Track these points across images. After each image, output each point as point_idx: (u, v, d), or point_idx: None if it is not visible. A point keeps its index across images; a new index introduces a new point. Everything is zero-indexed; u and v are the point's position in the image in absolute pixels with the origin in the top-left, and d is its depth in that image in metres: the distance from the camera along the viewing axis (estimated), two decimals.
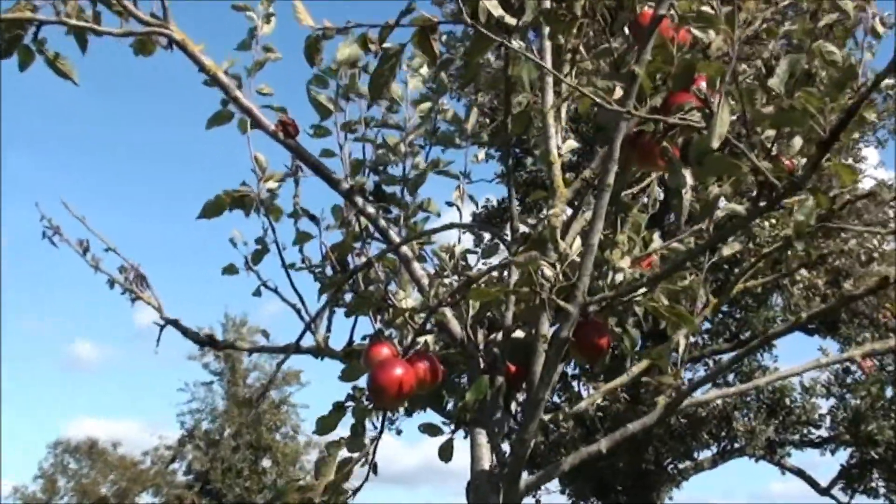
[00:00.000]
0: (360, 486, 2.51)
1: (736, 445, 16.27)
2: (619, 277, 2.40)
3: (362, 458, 2.46)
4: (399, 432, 18.23)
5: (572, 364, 15.76)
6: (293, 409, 28.04)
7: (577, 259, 2.26)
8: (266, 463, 27.39)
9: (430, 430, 2.59)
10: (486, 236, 3.04)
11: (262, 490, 26.62)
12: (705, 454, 16.49)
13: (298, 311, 2.95)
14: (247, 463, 26.97)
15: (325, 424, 2.54)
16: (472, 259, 2.99)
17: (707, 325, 16.17)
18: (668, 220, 12.08)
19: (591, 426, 14.73)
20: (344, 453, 2.48)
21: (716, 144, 1.97)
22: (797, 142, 2.20)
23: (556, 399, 15.68)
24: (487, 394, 2.52)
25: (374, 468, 2.49)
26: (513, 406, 2.68)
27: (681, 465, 16.51)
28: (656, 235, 2.61)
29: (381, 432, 2.50)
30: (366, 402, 2.50)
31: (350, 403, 2.56)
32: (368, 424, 2.49)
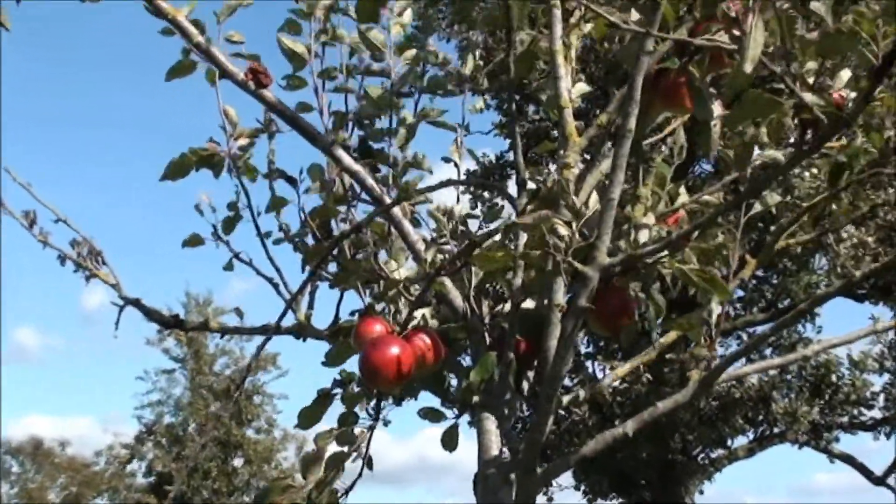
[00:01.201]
0: (354, 483, 2.55)
1: (775, 430, 16.41)
2: (643, 236, 2.43)
3: (354, 451, 2.49)
4: (387, 423, 18.40)
5: (585, 341, 15.84)
6: (268, 399, 28.13)
7: (595, 217, 2.29)
8: (237, 462, 27.51)
9: (431, 415, 2.63)
10: (488, 195, 3.06)
11: (234, 493, 26.73)
12: (740, 441, 16.65)
13: (276, 287, 2.98)
14: (215, 462, 27.06)
15: (308, 417, 2.58)
16: (473, 223, 3.02)
17: (740, 293, 16.26)
18: (696, 170, 12.11)
19: (609, 412, 14.84)
20: (334, 447, 2.52)
21: (749, 69, 1.97)
22: (844, 74, 2.22)
23: (566, 382, 15.77)
24: (495, 373, 2.55)
25: (368, 463, 2.52)
26: (524, 386, 2.71)
27: (712, 455, 16.66)
28: (683, 189, 2.63)
29: (375, 421, 2.54)
30: (356, 388, 2.53)
31: (337, 391, 2.59)
32: (360, 413, 2.53)
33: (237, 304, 3.06)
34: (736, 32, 2.00)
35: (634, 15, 2.24)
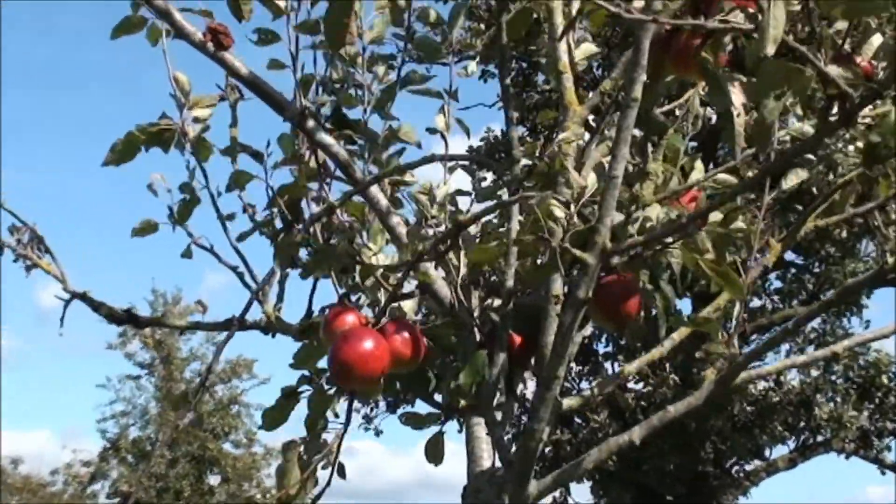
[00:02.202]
0: (321, 492, 2.55)
1: (819, 438, 16.43)
2: (652, 220, 2.43)
3: (324, 458, 2.50)
4: (378, 433, 18.50)
5: (604, 338, 15.89)
6: (246, 410, 28.14)
7: (597, 196, 2.29)
8: (213, 480, 27.55)
9: (413, 421, 2.63)
10: (493, 176, 3.07)
11: None
12: (780, 451, 16.67)
13: (241, 276, 2.99)
14: (188, 480, 27.09)
15: (272, 418, 2.59)
16: (464, 203, 3.02)
17: (778, 285, 16.27)
18: (723, 148, 12.10)
19: (631, 419, 14.88)
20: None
21: (771, 50, 1.98)
22: (876, 39, 2.22)
23: (584, 385, 15.81)
24: (486, 373, 2.56)
25: (340, 470, 2.53)
26: (520, 388, 2.72)
27: (748, 467, 16.70)
28: (699, 163, 2.63)
29: (346, 425, 2.55)
30: (326, 386, 2.54)
31: (305, 389, 2.60)
32: (330, 416, 2.53)
33: (212, 301, 3.07)
34: (752, 10, 2.01)
35: None
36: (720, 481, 16.19)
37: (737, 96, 2.23)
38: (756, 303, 16.52)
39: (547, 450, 15.61)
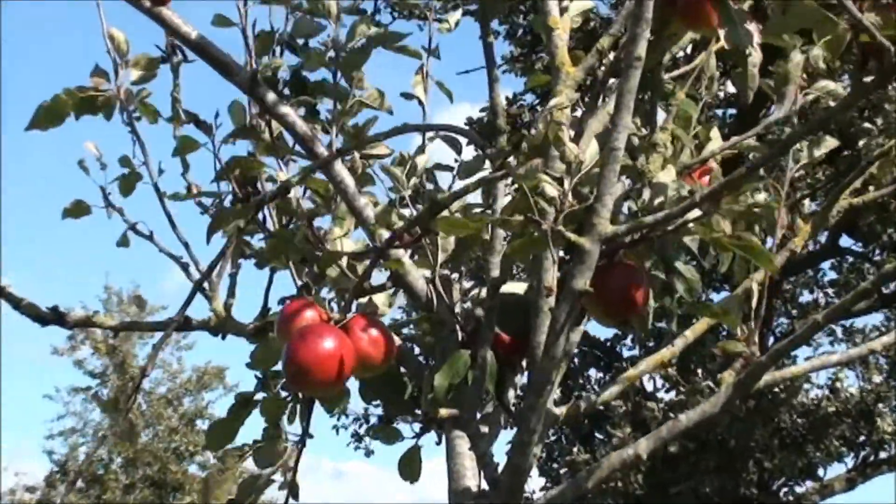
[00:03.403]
0: None
1: (882, 455, 16.42)
2: (660, 196, 2.43)
3: (276, 472, 2.51)
4: (369, 453, 18.58)
5: (630, 340, 15.89)
6: None
7: (596, 171, 2.29)
8: None
9: (385, 434, 2.65)
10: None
11: None
12: (836, 470, 16.64)
13: (185, 268, 3.00)
14: None
15: (218, 434, 2.59)
16: (445, 179, 3.02)
17: (833, 276, 16.26)
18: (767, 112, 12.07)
19: None
20: (250, 468, 2.54)
21: None
22: None
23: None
24: (468, 377, 2.57)
25: (292, 491, 2.54)
26: (510, 395, 2.73)
27: (799, 489, 16.67)
28: (715, 132, 2.63)
29: (304, 437, 2.56)
30: (282, 393, 2.55)
31: (262, 395, 2.61)
32: (287, 426, 2.54)
33: (175, 301, 3.07)
34: None
35: None
36: None
37: (753, 33, 2.24)
38: (807, 297, 16.52)
39: (563, 471, 15.61)
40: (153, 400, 27.17)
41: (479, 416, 2.68)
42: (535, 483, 17.51)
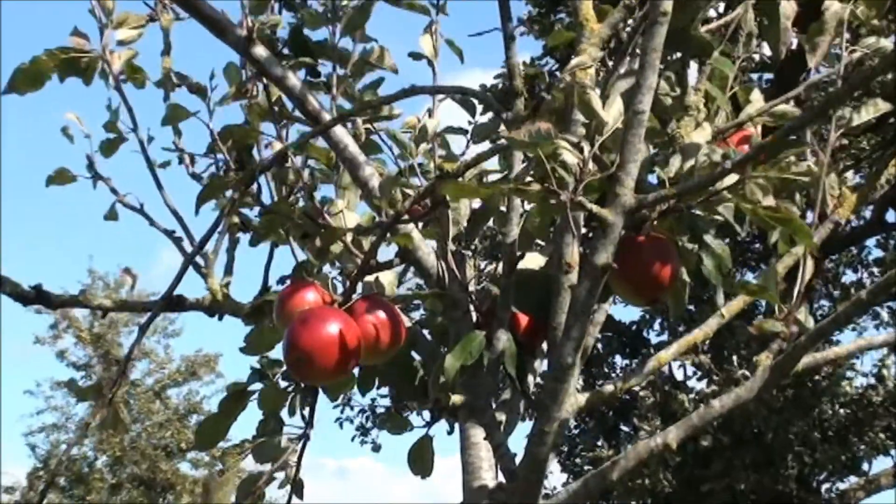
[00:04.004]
0: None
1: None
2: (690, 164, 2.42)
3: (279, 470, 2.51)
4: (377, 448, 18.52)
5: (659, 326, 15.88)
6: None
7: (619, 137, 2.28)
8: None
9: (393, 423, 2.65)
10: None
11: None
12: (881, 464, 16.61)
13: (178, 242, 3.00)
14: None
15: (209, 431, 2.59)
16: (459, 144, 3.01)
17: (879, 253, 16.22)
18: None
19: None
20: (250, 466, 2.54)
21: None
22: None
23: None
24: (483, 360, 2.57)
25: (297, 489, 2.54)
26: (529, 380, 2.73)
27: (842, 484, 16.66)
28: (756, 94, 2.62)
29: (307, 430, 2.56)
30: (282, 382, 2.55)
31: (258, 386, 2.61)
32: (287, 418, 2.54)
33: (167, 284, 3.06)
34: None
35: None
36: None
37: None
38: (850, 276, 16.49)
39: (586, 468, 15.62)
40: (139, 393, 27.14)
41: (494, 403, 2.68)
42: (555, 480, 17.58)
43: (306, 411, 2.68)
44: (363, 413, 18.37)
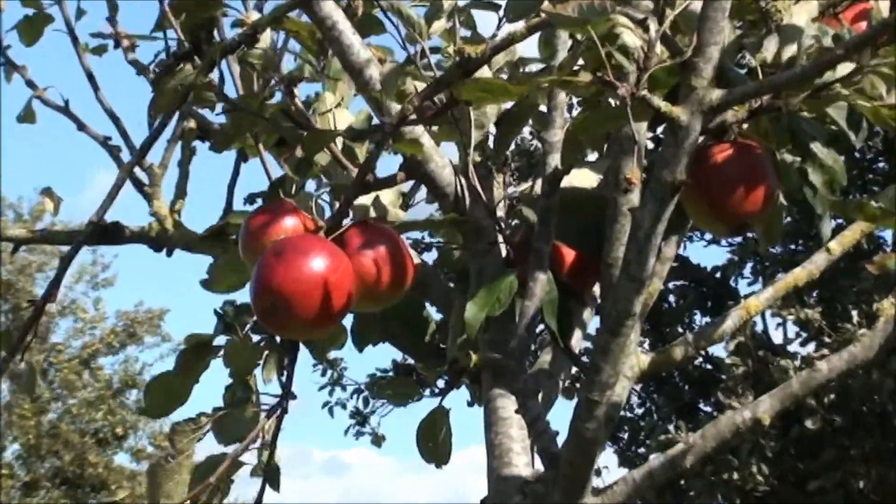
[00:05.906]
0: None
1: None
2: (791, 49, 2.42)
3: (247, 450, 2.53)
4: (379, 441, 18.09)
5: (748, 269, 15.89)
6: None
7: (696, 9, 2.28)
8: None
9: (392, 392, 2.66)
10: None
11: None
12: None
13: (115, 151, 3.01)
14: None
15: (162, 393, 2.60)
16: (488, 24, 3.01)
17: None
18: None
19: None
20: (211, 446, 2.56)
21: None
22: None
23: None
24: (516, 309, 2.57)
25: (270, 477, 2.55)
26: (576, 335, 2.73)
27: None
28: None
29: (284, 399, 2.56)
30: (253, 335, 2.55)
31: (222, 340, 2.62)
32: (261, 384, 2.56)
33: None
34: None
35: None
36: None
37: None
38: None
39: (652, 457, 15.64)
40: (61, 361, 27.04)
41: (530, 365, 2.69)
42: (612, 477, 17.61)
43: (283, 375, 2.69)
44: (359, 395, 17.86)
